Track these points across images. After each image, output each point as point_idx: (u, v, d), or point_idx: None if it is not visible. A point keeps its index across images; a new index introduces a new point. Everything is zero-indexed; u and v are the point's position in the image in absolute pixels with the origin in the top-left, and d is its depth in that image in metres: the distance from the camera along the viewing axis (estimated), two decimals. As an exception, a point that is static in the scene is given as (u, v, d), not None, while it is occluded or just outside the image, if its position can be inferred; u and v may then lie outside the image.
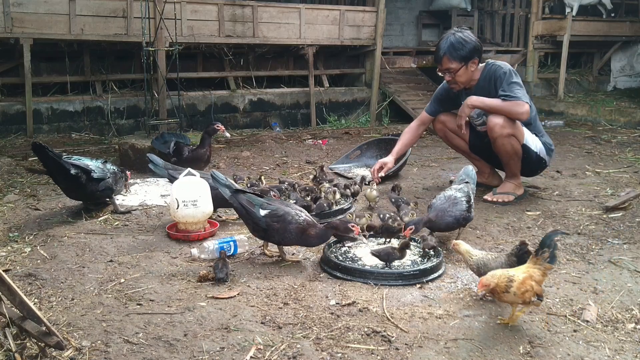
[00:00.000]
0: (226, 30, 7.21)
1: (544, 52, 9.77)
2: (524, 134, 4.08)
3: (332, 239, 3.09)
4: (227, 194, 3.05)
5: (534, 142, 4.15)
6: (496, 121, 3.98)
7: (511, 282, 2.25)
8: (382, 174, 4.37)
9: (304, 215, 2.97)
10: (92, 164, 3.73)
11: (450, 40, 4.05)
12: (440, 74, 4.21)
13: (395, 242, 3.19)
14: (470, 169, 3.63)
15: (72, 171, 3.58)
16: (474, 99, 4.04)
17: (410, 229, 3.05)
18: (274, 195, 3.55)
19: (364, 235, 3.16)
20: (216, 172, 3.17)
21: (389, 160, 4.45)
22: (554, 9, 9.93)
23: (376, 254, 2.90)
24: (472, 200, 3.35)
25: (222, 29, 7.17)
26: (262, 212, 2.93)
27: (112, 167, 3.87)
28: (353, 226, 2.92)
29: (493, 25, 10.54)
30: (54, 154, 3.55)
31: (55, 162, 3.56)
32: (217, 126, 4.64)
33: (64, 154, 3.72)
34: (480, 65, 4.16)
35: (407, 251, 2.94)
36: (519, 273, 2.29)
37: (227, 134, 4.47)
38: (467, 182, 3.47)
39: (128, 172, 4.19)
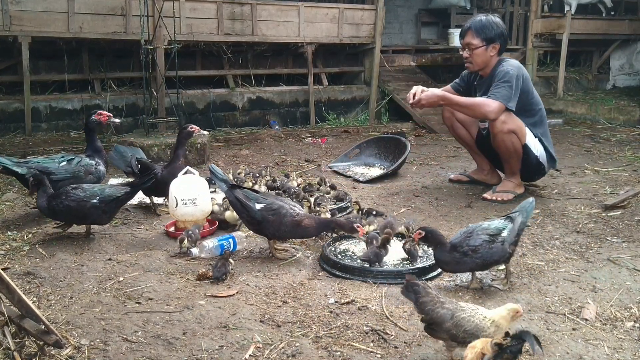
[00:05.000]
0: (225, 29, 7.20)
1: (543, 51, 9.75)
2: (525, 134, 4.08)
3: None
4: (224, 189, 3.10)
5: (535, 145, 4.14)
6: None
7: None
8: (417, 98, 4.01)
9: (297, 209, 3.03)
10: (52, 166, 3.63)
11: (480, 18, 4.15)
12: (460, 52, 4.28)
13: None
14: (531, 201, 2.82)
15: (28, 177, 3.40)
16: (444, 95, 4.00)
17: (420, 234, 2.67)
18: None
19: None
20: (214, 166, 3.19)
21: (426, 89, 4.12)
22: (553, 7, 9.92)
23: (365, 258, 2.89)
24: (508, 237, 2.63)
25: (221, 27, 7.16)
26: (258, 206, 2.98)
27: (80, 163, 3.75)
28: (358, 227, 2.94)
29: (492, 24, 10.52)
30: (11, 161, 3.53)
31: (8, 170, 3.51)
32: (191, 128, 3.89)
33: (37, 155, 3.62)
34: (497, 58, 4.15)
35: (388, 246, 2.94)
36: None
37: (204, 132, 3.87)
38: (518, 213, 2.72)
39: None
